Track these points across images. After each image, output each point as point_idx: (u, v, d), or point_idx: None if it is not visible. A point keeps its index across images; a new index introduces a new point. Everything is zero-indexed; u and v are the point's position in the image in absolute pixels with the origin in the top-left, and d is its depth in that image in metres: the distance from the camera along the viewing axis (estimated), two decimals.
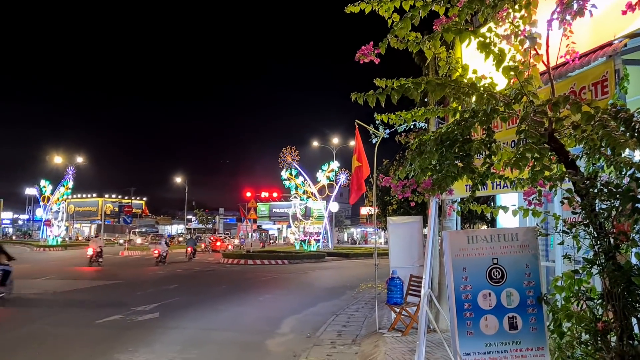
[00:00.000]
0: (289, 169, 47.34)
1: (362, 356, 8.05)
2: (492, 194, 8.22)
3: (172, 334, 9.70)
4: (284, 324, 11.07)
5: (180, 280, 20.25)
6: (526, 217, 4.03)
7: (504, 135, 5.97)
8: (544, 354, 4.42)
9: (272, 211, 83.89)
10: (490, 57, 3.64)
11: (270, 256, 33.75)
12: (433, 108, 4.58)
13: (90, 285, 18.08)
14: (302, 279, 22.27)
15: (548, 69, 3.81)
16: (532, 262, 4.50)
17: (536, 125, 3.36)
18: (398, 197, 4.51)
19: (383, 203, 20.39)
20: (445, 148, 3.81)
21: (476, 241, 4.54)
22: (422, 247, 9.95)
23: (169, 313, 11.96)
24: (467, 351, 4.44)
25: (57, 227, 55.99)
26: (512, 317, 4.45)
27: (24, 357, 7.87)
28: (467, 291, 4.46)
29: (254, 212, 41.18)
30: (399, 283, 9.60)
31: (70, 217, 70.22)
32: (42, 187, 58.62)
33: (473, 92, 3.74)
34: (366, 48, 3.70)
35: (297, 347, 8.76)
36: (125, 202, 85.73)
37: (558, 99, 3.33)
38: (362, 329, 10.33)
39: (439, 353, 7.40)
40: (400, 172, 4.30)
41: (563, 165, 3.64)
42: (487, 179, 3.89)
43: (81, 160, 60.44)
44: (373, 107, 3.83)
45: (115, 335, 9.51)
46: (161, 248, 29.62)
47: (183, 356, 8.02)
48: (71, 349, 8.39)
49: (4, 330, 9.83)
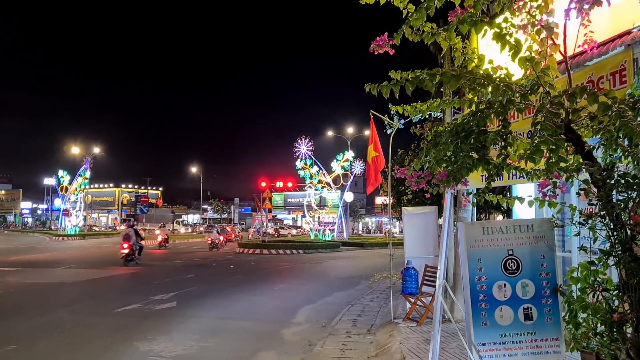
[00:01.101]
0: (304, 159, 47.34)
1: (377, 346, 8.10)
2: (508, 184, 8.18)
3: (190, 322, 9.83)
4: (299, 313, 11.15)
5: (196, 270, 20.46)
6: (542, 207, 4.02)
7: (520, 125, 5.93)
8: (559, 344, 4.43)
9: (287, 201, 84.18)
10: (506, 48, 3.62)
11: (285, 246, 33.90)
12: (448, 99, 4.57)
13: (109, 275, 18.33)
14: (317, 269, 22.36)
15: (565, 58, 3.78)
16: (547, 253, 4.49)
17: (552, 116, 3.34)
18: (413, 188, 4.51)
19: (398, 193, 20.34)
20: (461, 139, 3.80)
21: (491, 232, 4.54)
22: (437, 237, 9.94)
23: (186, 302, 12.10)
24: (482, 341, 4.46)
25: (75, 216, 56.72)
26: (528, 308, 4.46)
27: (46, 345, 8.03)
28: (482, 282, 4.48)
29: (269, 202, 41.35)
30: (414, 273, 9.61)
31: (88, 206, 71.09)
32: (60, 177, 59.32)
33: (489, 82, 3.72)
34: (381, 39, 3.69)
35: (313, 337, 8.83)
36: (142, 192, 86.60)
37: (575, 89, 3.31)
38: (377, 319, 10.37)
39: (454, 343, 7.42)
40: (415, 164, 4.30)
41: (580, 156, 3.62)
42: (502, 170, 3.87)
43: (98, 150, 61.06)
44: (387, 99, 3.84)
45: (134, 323, 9.66)
46: (213, 236, 35.51)
47: (200, 344, 8.14)
48: (91, 337, 8.54)
49: (25, 318, 10.03)
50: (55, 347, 7.95)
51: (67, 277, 17.18)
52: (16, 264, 22.29)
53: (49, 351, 7.69)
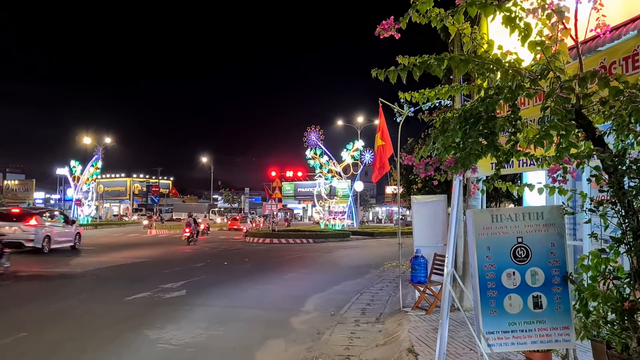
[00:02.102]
0: (314, 148, 47.29)
1: (385, 334, 8.09)
2: (519, 171, 8.10)
3: (199, 311, 9.88)
4: (308, 302, 11.17)
5: (206, 259, 20.56)
6: (552, 195, 3.96)
7: (531, 112, 5.85)
8: (569, 333, 4.39)
9: (297, 190, 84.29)
10: (515, 32, 3.55)
11: (295, 235, 33.97)
12: (457, 85, 4.50)
13: (119, 263, 18.46)
14: (327, 258, 22.40)
15: (576, 43, 3.70)
16: (557, 240, 4.44)
17: (562, 101, 3.28)
18: (421, 175, 4.47)
19: (408, 182, 20.29)
20: (469, 126, 3.74)
21: (500, 220, 4.49)
22: (447, 226, 9.89)
23: (196, 291, 12.16)
24: (491, 330, 4.43)
25: (87, 206, 57.19)
26: (537, 296, 4.42)
27: (57, 332, 8.11)
28: (491, 270, 4.44)
29: (279, 192, 41.43)
30: (423, 262, 9.58)
31: (100, 196, 71.65)
32: (73, 167, 59.71)
33: (498, 68, 3.65)
34: (386, 22, 3.63)
35: (321, 325, 8.84)
36: (153, 182, 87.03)
37: (586, 74, 3.24)
38: (386, 308, 10.37)
39: (462, 332, 7.39)
40: (423, 151, 4.25)
41: (590, 142, 3.56)
42: (512, 156, 3.81)
43: (109, 140, 61.40)
44: (396, 85, 3.79)
45: (144, 312, 9.73)
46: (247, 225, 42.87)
47: (209, 332, 8.18)
48: (101, 325, 8.61)
49: (36, 306, 10.13)
50: (66, 334, 8.02)
51: (78, 266, 17.33)
52: (27, 251, 22.52)
53: (60, 338, 7.76)
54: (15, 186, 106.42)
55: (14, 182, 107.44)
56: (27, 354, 6.99)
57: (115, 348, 7.27)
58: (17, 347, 7.26)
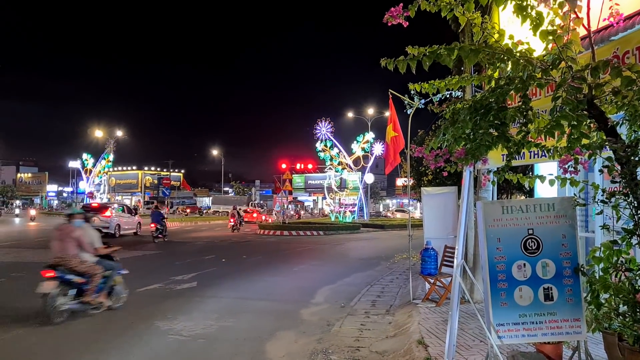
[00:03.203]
0: (324, 141, 47.24)
1: (395, 326, 8.09)
2: (530, 163, 8.04)
3: (209, 302, 9.94)
4: (318, 294, 11.19)
5: (217, 251, 20.66)
6: (564, 186, 3.93)
7: (542, 103, 5.80)
8: (580, 325, 4.35)
9: (307, 183, 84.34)
10: (527, 22, 3.51)
11: (305, 227, 34.01)
12: (467, 76, 4.46)
13: (132, 256, 18.61)
14: (337, 250, 22.42)
15: (589, 32, 3.66)
16: (569, 232, 4.40)
17: (574, 91, 3.24)
18: (431, 167, 4.44)
19: (418, 174, 20.23)
20: (480, 116, 3.72)
21: (511, 211, 4.46)
22: (457, 217, 9.85)
23: (206, 283, 12.23)
24: (501, 322, 4.41)
25: (99, 198, 57.68)
26: (548, 288, 4.39)
27: (68, 324, 8.18)
28: (501, 262, 4.41)
29: (289, 184, 41.48)
30: (433, 254, 9.55)
31: (111, 189, 72.19)
32: (85, 160, 60.26)
33: (509, 57, 3.62)
34: (395, 10, 3.60)
35: (331, 317, 8.86)
36: (164, 175, 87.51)
37: (598, 63, 3.20)
38: (396, 300, 10.36)
39: (473, 324, 7.38)
40: (433, 142, 4.23)
41: (603, 132, 3.52)
42: (523, 147, 3.79)
43: (121, 133, 61.77)
44: (406, 76, 3.77)
45: (155, 303, 9.80)
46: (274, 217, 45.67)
47: (220, 324, 8.22)
48: (113, 316, 8.68)
49: None
50: (78, 325, 8.09)
51: None
52: (42, 244, 22.77)
53: (72, 329, 7.84)
54: (28, 179, 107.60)
55: (27, 175, 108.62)
56: (42, 343, 7.09)
57: (127, 339, 7.34)
58: (30, 335, 7.35)
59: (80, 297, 8.41)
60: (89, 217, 9.74)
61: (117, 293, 9.23)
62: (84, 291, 8.44)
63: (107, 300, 8.91)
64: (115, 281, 9.16)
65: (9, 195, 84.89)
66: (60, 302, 8.08)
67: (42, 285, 8.10)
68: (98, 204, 31.64)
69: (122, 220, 28.96)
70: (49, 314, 7.95)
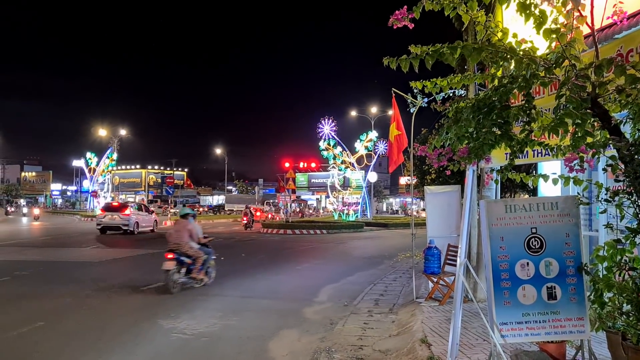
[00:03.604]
0: (327, 139, 47.21)
1: (398, 325, 8.09)
2: (533, 162, 8.03)
3: (213, 301, 9.95)
4: (322, 292, 11.20)
5: (220, 250, 20.59)
6: (567, 185, 3.92)
7: (545, 101, 5.78)
8: (584, 324, 4.35)
9: (310, 181, 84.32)
10: (530, 20, 3.50)
11: (308, 226, 33.99)
12: (470, 74, 4.45)
13: (135, 254, 18.65)
14: (340, 249, 22.42)
15: (592, 31, 3.65)
16: (572, 231, 4.40)
17: (578, 89, 3.23)
18: (434, 165, 4.44)
19: (421, 172, 20.20)
20: (483, 115, 3.71)
21: (514, 210, 4.46)
22: (460, 216, 9.83)
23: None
24: (504, 321, 4.41)
25: (103, 197, 57.76)
26: (551, 287, 4.38)
27: (73, 321, 8.22)
28: (505, 261, 4.41)
29: (293, 183, 41.47)
30: (437, 252, 9.55)
31: (115, 188, 72.33)
32: (88, 159, 60.37)
33: (512, 56, 3.61)
34: (400, 12, 3.60)
35: (334, 315, 8.87)
36: (168, 174, 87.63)
37: (602, 62, 3.19)
38: (399, 298, 10.36)
39: (476, 323, 7.37)
40: (436, 141, 4.22)
41: (607, 131, 3.51)
42: (526, 146, 3.78)
43: (124, 132, 61.84)
44: (409, 75, 3.76)
45: (158, 301, 9.82)
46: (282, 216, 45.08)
47: (223, 322, 8.24)
48: (117, 315, 8.72)
49: (53, 296, 10.27)
50: (82, 323, 8.13)
51: (95, 257, 17.54)
52: (47, 243, 22.85)
53: (76, 327, 7.87)
54: (32, 178, 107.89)
55: (32, 174, 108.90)
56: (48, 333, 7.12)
57: (131, 337, 7.36)
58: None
59: (188, 274, 11.11)
60: (195, 214, 12.40)
61: (210, 272, 11.82)
62: (191, 270, 11.14)
63: (205, 278, 11.51)
64: (210, 264, 11.75)
65: (14, 194, 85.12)
66: (176, 277, 10.79)
67: (164, 264, 10.72)
68: (119, 203, 33.29)
69: (140, 218, 30.24)
70: (168, 286, 10.57)
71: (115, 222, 28.59)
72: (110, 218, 28.66)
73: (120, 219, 28.51)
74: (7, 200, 79.16)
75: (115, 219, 28.62)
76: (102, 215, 29.34)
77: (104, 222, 28.76)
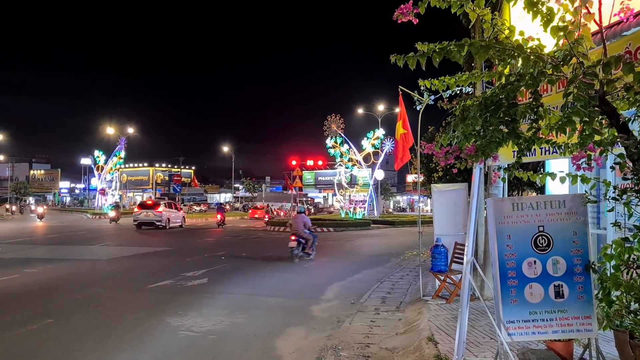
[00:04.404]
0: (334, 137, 47.14)
1: (405, 322, 8.09)
2: (541, 160, 8.00)
3: (220, 298, 9.99)
4: (328, 290, 11.21)
5: (227, 247, 20.73)
6: (575, 184, 3.91)
7: (553, 99, 5.75)
8: (591, 322, 4.34)
9: (317, 179, 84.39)
10: (537, 17, 3.49)
11: (315, 224, 33.94)
12: (477, 72, 4.44)
13: (143, 252, 18.74)
14: (347, 247, 22.42)
15: (600, 28, 3.63)
16: (580, 229, 4.38)
17: (586, 87, 3.22)
18: (441, 163, 4.44)
19: (428, 170, 20.15)
20: (490, 113, 3.70)
21: (521, 208, 4.45)
22: (467, 214, 9.81)
23: (217, 279, 12.29)
24: (511, 319, 4.40)
25: (111, 195, 58.06)
26: (559, 286, 4.37)
27: (81, 318, 8.28)
28: (512, 259, 4.40)
29: (300, 180, 41.47)
30: (444, 250, 9.53)
31: (123, 186, 72.63)
32: (96, 157, 60.67)
33: (519, 54, 3.60)
34: (405, 7, 3.58)
35: (341, 313, 8.88)
36: (175, 171, 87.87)
37: (609, 59, 3.18)
38: (406, 296, 10.36)
39: (483, 321, 7.36)
40: (443, 139, 4.22)
41: (614, 129, 3.49)
42: (533, 144, 3.77)
43: (132, 130, 62.09)
44: (417, 73, 3.75)
45: (166, 299, 9.87)
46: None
47: (230, 320, 8.27)
48: (124, 312, 8.77)
49: (62, 294, 10.35)
50: (90, 320, 8.18)
51: (103, 254, 17.64)
52: (54, 240, 23.00)
53: (84, 325, 7.92)
54: (41, 176, 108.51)
55: (40, 172, 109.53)
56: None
57: (139, 335, 7.41)
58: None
59: (303, 250, 16.58)
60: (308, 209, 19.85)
61: (314, 250, 17.05)
62: (304, 247, 16.64)
63: (312, 252, 16.89)
64: (315, 244, 17.09)
65: (22, 192, 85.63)
66: (297, 252, 16.34)
67: (290, 243, 16.41)
68: (152, 201, 36.27)
69: (171, 214, 33.45)
70: (293, 257, 16.19)
71: (149, 219, 31.76)
72: (145, 215, 31.82)
73: (154, 216, 31.65)
74: (16, 198, 79.65)
75: (149, 215, 31.77)
76: (138, 212, 32.53)
77: (140, 218, 31.95)
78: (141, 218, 31.94)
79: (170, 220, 32.97)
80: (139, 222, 31.94)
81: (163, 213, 32.10)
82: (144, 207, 32.89)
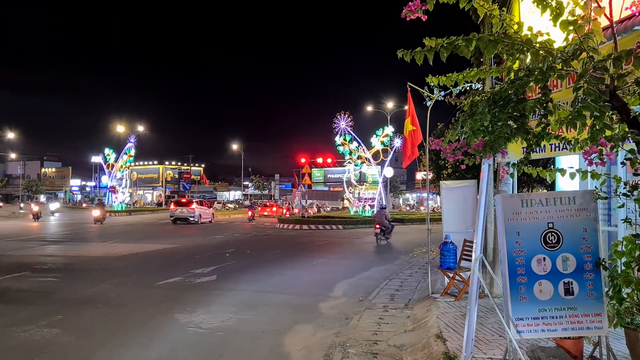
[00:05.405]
0: (343, 135, 47.07)
1: (414, 320, 8.07)
2: (550, 156, 7.93)
3: (228, 295, 10.01)
4: (337, 287, 11.20)
5: (236, 245, 20.80)
6: (585, 179, 3.86)
7: (563, 95, 5.69)
8: (602, 320, 4.29)
9: (326, 177, 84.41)
10: (547, 12, 3.44)
11: (324, 221, 34.02)
12: (486, 68, 4.40)
13: (153, 249, 18.82)
14: (356, 244, 22.41)
15: (611, 22, 3.57)
16: (590, 226, 4.34)
17: (596, 82, 3.17)
18: (448, 159, 4.41)
19: (438, 167, 20.06)
20: (498, 108, 3.67)
21: (531, 205, 4.41)
22: (477, 211, 9.76)
23: (226, 276, 12.32)
24: (520, 316, 4.37)
25: (121, 193, 58.42)
26: (568, 283, 4.33)
27: (90, 315, 8.33)
28: (521, 256, 4.37)
29: (309, 178, 41.50)
30: (452, 248, 9.49)
31: (133, 183, 73.03)
32: (107, 155, 60.99)
33: (528, 48, 3.55)
34: (413, 4, 3.55)
35: (350, 310, 8.87)
36: (185, 169, 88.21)
37: (620, 53, 3.13)
38: (414, 294, 10.33)
39: (492, 318, 7.32)
40: (451, 135, 4.19)
41: (625, 124, 3.45)
42: (542, 140, 3.72)
43: (142, 128, 62.40)
44: (425, 70, 3.72)
45: (175, 296, 9.90)
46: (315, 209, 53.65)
47: (238, 317, 8.28)
48: (134, 309, 8.81)
49: (71, 290, 10.41)
50: (100, 317, 8.23)
51: (113, 251, 17.74)
52: (66, 237, 23.17)
53: (94, 321, 7.97)
54: (52, 174, 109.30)
55: (51, 170, 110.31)
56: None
57: (147, 331, 7.44)
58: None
59: (384, 236, 21.69)
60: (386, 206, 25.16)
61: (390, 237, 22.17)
62: (385, 234, 21.78)
63: (390, 237, 22.06)
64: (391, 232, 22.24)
65: (34, 189, 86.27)
66: (380, 236, 21.65)
67: (375, 230, 21.94)
68: (186, 199, 40.21)
69: (202, 211, 37.70)
70: (377, 240, 21.69)
71: (183, 215, 36.21)
72: (180, 212, 36.28)
73: (188, 212, 36.04)
74: (28, 196, 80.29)
75: (183, 212, 36.26)
76: (174, 209, 36.84)
77: (176, 214, 36.35)
78: (177, 214, 36.10)
79: (202, 216, 36.84)
80: (174, 217, 36.06)
81: (195, 210, 36.27)
82: (179, 205, 37.20)
